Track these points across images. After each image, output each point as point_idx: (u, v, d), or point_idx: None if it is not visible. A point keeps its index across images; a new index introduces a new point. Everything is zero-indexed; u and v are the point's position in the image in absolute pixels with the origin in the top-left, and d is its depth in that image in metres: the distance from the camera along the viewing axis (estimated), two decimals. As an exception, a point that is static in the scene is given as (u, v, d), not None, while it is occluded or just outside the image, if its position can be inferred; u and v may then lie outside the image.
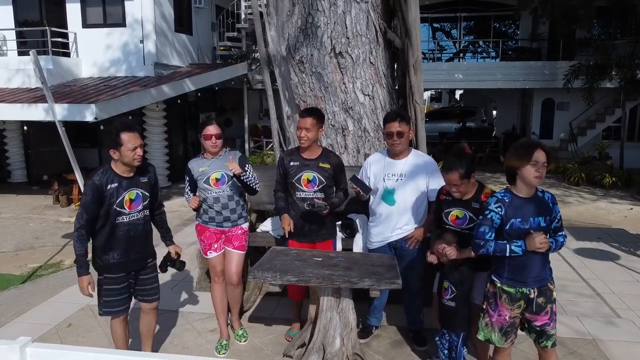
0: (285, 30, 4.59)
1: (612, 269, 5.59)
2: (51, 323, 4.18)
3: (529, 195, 2.66)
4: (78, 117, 8.65)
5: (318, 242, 3.65)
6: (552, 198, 2.71)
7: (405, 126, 3.41)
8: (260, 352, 3.69)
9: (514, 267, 2.69)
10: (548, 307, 2.70)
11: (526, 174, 2.59)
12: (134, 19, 11.52)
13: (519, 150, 2.63)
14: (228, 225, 3.61)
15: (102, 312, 3.12)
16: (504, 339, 2.78)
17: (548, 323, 2.71)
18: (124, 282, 3.09)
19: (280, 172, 3.61)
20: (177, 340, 3.89)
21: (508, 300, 2.72)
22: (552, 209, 2.68)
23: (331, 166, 3.54)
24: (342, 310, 3.20)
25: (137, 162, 2.98)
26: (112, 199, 2.95)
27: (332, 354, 3.11)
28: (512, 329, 2.77)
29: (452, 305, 3.08)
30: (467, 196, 3.05)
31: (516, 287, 2.70)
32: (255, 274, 3.07)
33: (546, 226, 2.65)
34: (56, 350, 1.91)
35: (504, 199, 2.70)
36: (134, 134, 2.93)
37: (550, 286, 2.73)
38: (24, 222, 8.70)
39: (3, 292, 5.21)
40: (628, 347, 3.75)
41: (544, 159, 2.57)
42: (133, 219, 3.05)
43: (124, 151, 2.90)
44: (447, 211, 3.11)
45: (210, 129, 3.47)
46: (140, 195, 3.07)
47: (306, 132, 3.42)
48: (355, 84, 4.45)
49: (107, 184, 2.94)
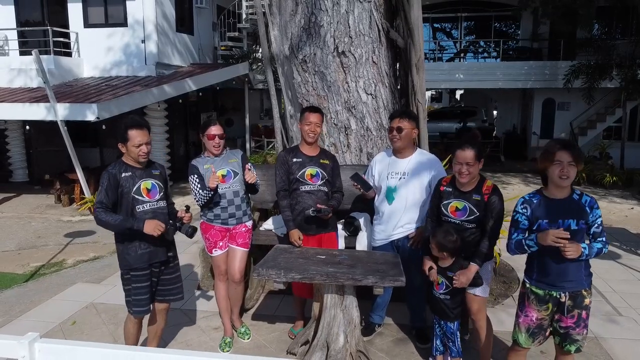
0: (288, 29, 4.61)
1: (614, 268, 5.61)
2: (55, 321, 4.20)
3: (561, 197, 2.62)
4: (80, 116, 8.67)
5: (323, 233, 3.69)
6: (590, 202, 2.60)
7: (406, 123, 3.43)
8: (264, 349, 3.70)
9: (543, 270, 2.68)
10: (575, 312, 2.64)
11: (551, 174, 2.58)
12: (136, 19, 11.54)
13: (545, 151, 2.64)
14: (233, 223, 3.63)
15: (133, 312, 3.13)
16: (531, 340, 2.77)
17: (572, 327, 2.66)
18: (149, 281, 3.10)
19: (282, 170, 3.62)
20: (181, 338, 3.90)
21: (536, 301, 2.71)
22: (587, 213, 2.57)
23: (330, 162, 3.69)
24: (346, 308, 3.21)
25: (142, 159, 3.02)
26: (128, 186, 2.98)
27: (335, 351, 3.13)
28: (540, 331, 2.75)
29: (447, 298, 3.12)
30: (468, 188, 3.05)
31: (545, 290, 2.69)
32: (260, 271, 3.09)
33: (578, 229, 2.56)
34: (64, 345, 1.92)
35: (531, 200, 2.69)
36: (141, 131, 2.98)
37: (584, 292, 2.65)
38: (26, 222, 8.72)
39: (6, 290, 5.23)
40: (630, 345, 3.77)
41: (569, 158, 2.51)
42: (154, 207, 3.07)
43: (130, 147, 2.98)
44: (447, 202, 3.10)
45: (214, 129, 3.49)
46: (156, 186, 3.11)
47: (315, 126, 3.54)
48: (358, 83, 4.46)
49: (120, 173, 2.99)
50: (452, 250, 3.04)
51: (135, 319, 3.19)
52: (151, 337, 3.39)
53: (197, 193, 3.51)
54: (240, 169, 3.62)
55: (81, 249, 6.96)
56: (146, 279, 3.09)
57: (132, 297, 3.10)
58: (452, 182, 3.13)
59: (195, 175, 3.53)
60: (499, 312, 4.28)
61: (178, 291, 3.30)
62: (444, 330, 3.20)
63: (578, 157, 2.54)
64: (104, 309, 4.44)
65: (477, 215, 3.01)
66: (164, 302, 3.30)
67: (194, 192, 3.55)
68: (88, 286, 5.09)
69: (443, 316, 3.18)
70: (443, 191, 3.15)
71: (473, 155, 2.91)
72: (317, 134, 3.59)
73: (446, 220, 3.12)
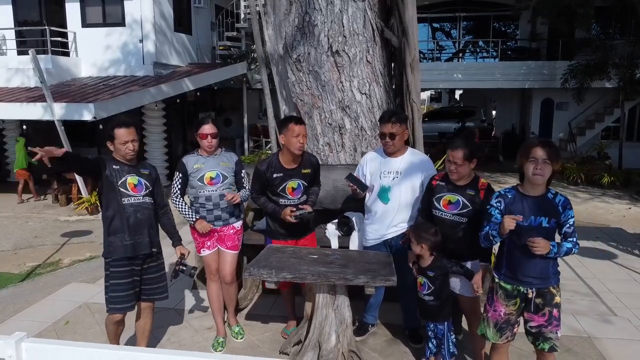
0: (282, 29, 4.60)
1: (610, 267, 5.60)
2: (49, 321, 4.19)
3: (536, 194, 2.64)
4: (77, 116, 8.68)
5: (301, 238, 3.71)
6: (564, 202, 2.62)
7: (398, 127, 3.41)
8: (256, 349, 3.70)
9: (512, 265, 2.70)
10: (546, 310, 2.66)
11: (526, 171, 2.60)
12: (133, 18, 11.54)
13: (523, 147, 2.66)
14: (219, 224, 3.61)
15: (108, 309, 3.16)
16: (498, 335, 2.78)
17: (545, 325, 2.68)
18: (130, 277, 3.13)
19: (259, 184, 3.55)
20: (174, 338, 3.90)
21: (504, 296, 2.73)
22: (560, 212, 2.59)
23: (311, 169, 3.62)
24: (338, 307, 3.20)
25: (128, 156, 3.11)
26: (115, 178, 3.09)
27: (327, 350, 3.12)
28: (507, 326, 2.77)
29: (431, 299, 3.12)
30: (463, 182, 3.07)
31: (513, 285, 2.70)
32: (252, 271, 3.08)
33: (549, 227, 2.59)
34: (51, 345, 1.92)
35: (506, 195, 2.72)
36: (127, 130, 3.08)
37: (553, 290, 2.67)
38: (23, 221, 8.72)
39: (1, 290, 5.23)
40: (623, 345, 3.76)
41: (544, 156, 2.53)
42: (139, 201, 3.15)
43: (117, 144, 3.09)
44: (440, 196, 3.12)
45: (206, 128, 3.47)
46: (142, 182, 3.18)
47: (303, 138, 3.42)
48: (352, 82, 4.46)
49: (112, 164, 3.13)
50: (431, 244, 3.03)
51: (114, 321, 3.19)
52: (139, 335, 3.39)
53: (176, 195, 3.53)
54: (232, 173, 3.60)
55: (77, 249, 6.95)
56: (125, 276, 3.10)
57: (109, 293, 3.12)
58: (445, 177, 3.14)
59: (180, 173, 3.54)
60: (493, 312, 4.28)
61: (162, 290, 3.31)
62: (435, 332, 3.20)
63: (553, 156, 2.55)
64: (97, 308, 4.43)
65: (469, 209, 3.03)
66: (148, 301, 3.30)
67: (172, 189, 3.56)
68: (82, 286, 5.09)
69: (430, 317, 3.17)
70: (436, 185, 3.17)
71: (461, 155, 2.95)
72: (304, 146, 3.45)
73: (437, 215, 3.12)
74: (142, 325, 3.36)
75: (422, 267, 3.12)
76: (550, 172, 2.58)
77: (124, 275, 3.11)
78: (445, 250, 3.10)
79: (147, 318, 3.35)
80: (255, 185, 3.60)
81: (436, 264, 3.07)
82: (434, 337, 3.21)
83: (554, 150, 2.57)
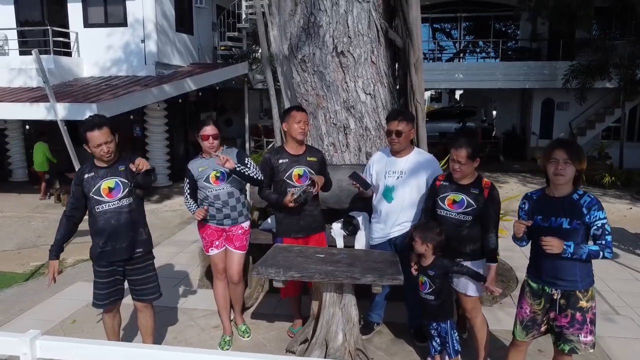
0: (287, 29, 4.62)
1: (612, 267, 5.63)
2: (55, 319, 4.22)
3: (560, 195, 2.63)
4: (79, 116, 8.66)
5: (311, 235, 3.73)
6: (590, 202, 2.56)
7: (405, 126, 3.45)
8: (263, 348, 3.72)
9: (535, 264, 2.74)
10: (569, 312, 2.63)
11: (548, 172, 2.62)
12: (135, 18, 11.56)
13: (545, 149, 2.69)
14: (228, 223, 3.63)
15: (92, 303, 3.24)
16: (524, 333, 2.80)
17: (566, 327, 2.65)
18: (109, 277, 3.14)
19: (267, 172, 3.62)
20: (180, 337, 3.92)
21: (530, 294, 2.76)
22: (584, 213, 2.55)
23: (317, 159, 3.69)
24: (345, 306, 3.23)
25: (105, 157, 3.03)
26: (89, 186, 3.06)
27: (334, 349, 3.15)
28: (533, 325, 2.77)
29: (431, 298, 3.14)
30: (466, 182, 3.10)
31: (538, 284, 2.73)
32: (259, 270, 3.11)
33: (570, 229, 2.56)
34: (65, 342, 1.94)
35: (531, 196, 2.76)
36: (99, 131, 2.95)
37: (579, 294, 2.62)
38: (26, 221, 8.73)
39: (6, 289, 5.24)
40: (627, 344, 3.79)
41: (565, 156, 2.53)
42: (114, 207, 3.07)
43: (91, 148, 3.02)
44: (444, 195, 3.15)
45: (207, 130, 3.49)
46: (119, 184, 3.09)
47: (304, 124, 3.55)
48: (357, 83, 4.48)
49: (84, 174, 3.07)
50: (435, 243, 3.06)
51: (105, 312, 3.27)
52: (143, 334, 3.43)
53: (186, 198, 3.62)
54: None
55: (80, 249, 6.95)
56: (105, 276, 3.13)
57: (94, 289, 3.19)
58: (449, 177, 3.18)
59: (187, 180, 3.60)
60: (496, 310, 4.31)
61: (154, 290, 3.30)
62: (438, 330, 3.22)
63: (574, 155, 2.54)
64: (103, 307, 4.46)
65: (474, 208, 3.06)
66: (140, 302, 3.31)
67: (185, 200, 3.67)
68: (88, 285, 5.04)
69: (432, 317, 3.20)
70: (439, 186, 3.20)
71: (465, 154, 2.99)
72: (306, 132, 3.61)
73: (442, 214, 3.15)
74: (143, 324, 3.40)
75: (423, 266, 3.15)
76: (573, 172, 2.56)
77: (104, 274, 3.13)
78: (449, 249, 3.12)
79: (147, 317, 3.37)
80: (264, 171, 3.64)
81: (437, 263, 3.10)
82: (437, 336, 3.23)
83: (575, 150, 2.56)
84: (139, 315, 3.37)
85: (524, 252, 5.79)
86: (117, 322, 3.35)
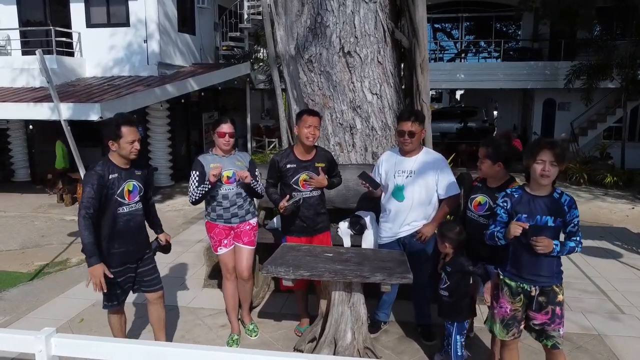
0: (294, 30, 4.64)
1: (615, 266, 5.65)
2: (63, 318, 4.23)
3: (542, 194, 2.67)
4: (83, 116, 8.70)
5: (315, 235, 3.74)
6: (569, 202, 2.64)
7: (417, 126, 3.47)
8: (271, 346, 3.74)
9: (516, 262, 2.75)
10: (549, 308, 2.69)
11: (533, 172, 2.64)
12: (138, 18, 11.57)
13: (530, 148, 2.69)
14: (236, 222, 3.66)
15: (104, 305, 3.21)
16: (505, 332, 2.82)
17: (548, 323, 2.70)
18: (122, 277, 3.14)
19: (274, 173, 3.65)
20: (188, 335, 3.94)
21: (509, 293, 2.78)
22: (565, 212, 2.62)
23: (326, 164, 3.67)
24: (354, 305, 3.25)
25: (133, 156, 3.05)
26: (113, 188, 3.00)
27: (343, 347, 3.16)
28: (514, 322, 2.79)
29: (445, 295, 3.18)
30: (495, 184, 3.14)
31: (516, 282, 2.74)
32: (269, 268, 3.12)
33: (554, 227, 2.63)
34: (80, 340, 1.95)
35: (512, 194, 2.76)
36: (133, 128, 3.00)
37: (556, 288, 2.70)
38: (29, 221, 8.75)
39: (12, 289, 5.26)
40: (633, 343, 3.81)
41: (551, 158, 2.56)
42: (132, 210, 3.11)
43: (122, 143, 2.97)
44: (473, 197, 3.21)
45: (225, 127, 3.52)
46: (137, 187, 3.13)
47: (314, 129, 3.50)
48: (364, 83, 4.50)
49: (108, 174, 2.98)
50: (455, 243, 3.10)
51: (112, 313, 3.26)
52: (155, 329, 3.45)
53: (193, 189, 3.52)
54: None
55: (85, 248, 6.98)
56: (118, 276, 3.10)
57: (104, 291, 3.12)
58: (483, 179, 3.24)
59: (197, 172, 3.55)
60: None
61: (157, 282, 3.34)
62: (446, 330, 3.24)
63: (560, 157, 2.58)
64: (110, 306, 4.47)
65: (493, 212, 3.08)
66: (152, 292, 3.33)
67: (190, 187, 3.56)
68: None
69: (444, 314, 3.23)
70: (474, 186, 3.28)
71: (484, 153, 3.10)
72: (316, 137, 3.53)
73: (468, 215, 3.22)
74: (155, 316, 3.41)
75: (445, 262, 3.20)
76: (557, 172, 2.62)
77: (118, 275, 3.10)
78: (470, 249, 3.16)
79: (160, 308, 3.40)
80: (269, 174, 3.68)
81: (454, 260, 3.13)
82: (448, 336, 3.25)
83: (561, 152, 2.60)
84: (152, 308, 3.39)
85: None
86: (124, 321, 3.37)
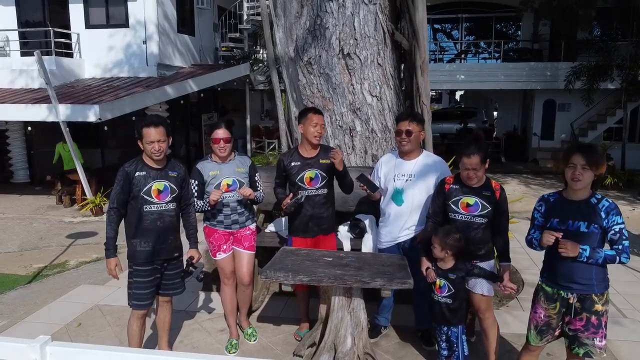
0: (293, 31, 4.61)
1: (616, 269, 5.59)
2: (61, 323, 4.20)
3: (578, 198, 2.62)
4: (81, 117, 8.67)
5: (321, 235, 3.71)
6: (608, 207, 2.55)
7: (415, 126, 3.44)
8: (270, 351, 3.70)
9: (552, 269, 2.72)
10: (584, 315, 2.62)
11: (566, 176, 2.62)
12: (137, 19, 11.54)
13: (563, 152, 2.67)
14: (236, 227, 3.64)
15: (132, 305, 3.20)
16: (539, 338, 2.79)
17: (581, 330, 2.64)
18: (152, 276, 3.17)
19: (280, 173, 3.67)
20: (187, 340, 3.90)
21: (544, 298, 2.75)
22: (601, 217, 2.54)
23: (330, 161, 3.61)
24: (353, 310, 3.21)
25: (155, 156, 3.09)
26: (140, 186, 3.08)
27: (343, 353, 3.13)
28: (548, 329, 2.75)
29: (449, 302, 3.13)
30: (477, 184, 3.11)
31: (553, 288, 2.71)
32: (268, 273, 3.09)
33: (589, 232, 2.55)
34: (75, 348, 1.92)
35: (548, 198, 2.76)
36: (155, 129, 3.06)
37: (595, 297, 2.61)
38: (28, 223, 8.71)
39: (10, 292, 5.22)
40: (635, 347, 3.78)
41: (583, 162, 2.52)
42: (161, 209, 3.15)
43: (144, 144, 3.09)
44: (456, 199, 3.14)
45: (219, 133, 3.49)
46: (168, 188, 3.17)
47: (321, 128, 3.52)
48: (363, 85, 4.47)
49: (135, 172, 3.09)
50: (455, 249, 3.06)
51: (138, 317, 3.23)
52: (160, 329, 3.45)
53: (194, 201, 3.51)
54: (247, 178, 3.62)
55: (83, 250, 6.95)
56: (147, 275, 3.14)
57: (133, 290, 3.17)
58: (457, 180, 3.17)
59: (196, 181, 3.54)
60: (503, 314, 4.29)
61: (180, 284, 3.37)
62: (447, 335, 3.20)
63: (592, 161, 2.53)
64: (109, 310, 4.44)
65: (489, 210, 3.08)
66: (166, 296, 3.35)
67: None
68: (92, 288, 5.09)
69: (444, 321, 3.18)
70: (449, 189, 3.18)
71: (478, 161, 3.00)
72: (322, 135, 3.58)
73: (456, 217, 3.14)
74: (162, 318, 3.42)
75: (443, 269, 3.13)
76: (592, 177, 2.56)
77: (147, 274, 3.15)
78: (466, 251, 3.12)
79: (167, 311, 3.42)
80: (276, 174, 3.69)
81: (458, 267, 3.09)
82: (446, 340, 3.21)
83: (594, 156, 2.55)
84: (159, 310, 3.41)
85: (529, 253, 5.81)
86: (143, 331, 3.32)
